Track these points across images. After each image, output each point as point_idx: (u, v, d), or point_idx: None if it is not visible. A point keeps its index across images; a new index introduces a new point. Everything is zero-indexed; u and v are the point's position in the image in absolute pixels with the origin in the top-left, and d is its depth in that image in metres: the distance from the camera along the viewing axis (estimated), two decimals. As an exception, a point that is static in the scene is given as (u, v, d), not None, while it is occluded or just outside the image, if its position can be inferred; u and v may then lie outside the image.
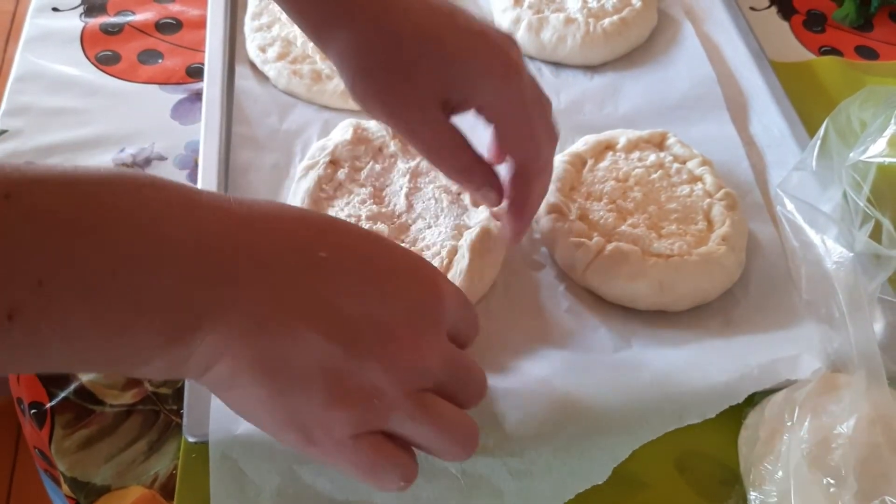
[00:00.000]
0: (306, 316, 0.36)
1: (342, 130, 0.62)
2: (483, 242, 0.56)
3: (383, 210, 0.58)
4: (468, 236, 0.56)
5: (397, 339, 0.38)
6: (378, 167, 0.60)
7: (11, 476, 1.25)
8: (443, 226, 0.57)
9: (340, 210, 0.57)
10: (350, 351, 0.37)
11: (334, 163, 0.60)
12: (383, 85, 0.49)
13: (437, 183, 0.60)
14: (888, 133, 0.57)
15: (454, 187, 0.60)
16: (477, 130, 0.53)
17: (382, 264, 0.40)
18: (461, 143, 0.52)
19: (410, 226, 0.57)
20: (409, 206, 0.58)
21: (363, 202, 0.58)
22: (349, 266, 0.38)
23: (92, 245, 0.33)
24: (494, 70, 0.49)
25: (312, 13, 0.50)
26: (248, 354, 0.36)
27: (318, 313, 0.37)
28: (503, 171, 0.54)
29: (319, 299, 0.37)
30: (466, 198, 0.59)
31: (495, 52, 0.50)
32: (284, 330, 0.36)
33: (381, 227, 0.56)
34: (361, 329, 0.37)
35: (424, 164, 0.61)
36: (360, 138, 0.61)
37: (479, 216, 0.58)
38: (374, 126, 0.62)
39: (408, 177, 0.60)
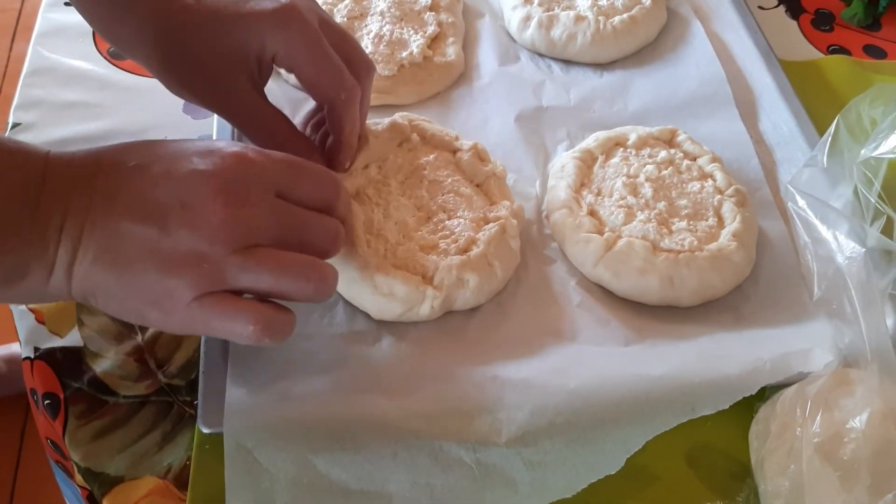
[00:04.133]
0: (122, 211, 0.43)
1: None
2: (500, 240, 0.56)
3: (403, 202, 0.58)
4: (486, 233, 0.56)
5: (204, 206, 0.43)
6: (399, 160, 0.60)
7: (16, 472, 1.25)
8: (463, 218, 0.57)
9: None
10: (164, 229, 0.42)
11: None
12: (186, 74, 0.53)
13: (456, 176, 0.60)
14: (899, 130, 0.58)
15: (475, 180, 0.60)
16: None
17: (181, 155, 0.45)
18: (274, 119, 0.55)
19: (431, 217, 0.57)
20: (430, 199, 0.58)
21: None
22: (153, 164, 0.44)
23: None
24: (275, 21, 0.52)
25: (101, 9, 0.55)
26: (88, 257, 0.43)
27: (131, 206, 0.43)
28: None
29: (130, 195, 0.43)
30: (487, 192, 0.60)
31: (272, 5, 0.52)
32: (109, 226, 0.42)
33: (399, 218, 0.57)
34: (170, 208, 0.43)
35: (444, 157, 0.61)
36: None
37: (500, 211, 0.58)
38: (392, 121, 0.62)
39: (427, 170, 0.60)
